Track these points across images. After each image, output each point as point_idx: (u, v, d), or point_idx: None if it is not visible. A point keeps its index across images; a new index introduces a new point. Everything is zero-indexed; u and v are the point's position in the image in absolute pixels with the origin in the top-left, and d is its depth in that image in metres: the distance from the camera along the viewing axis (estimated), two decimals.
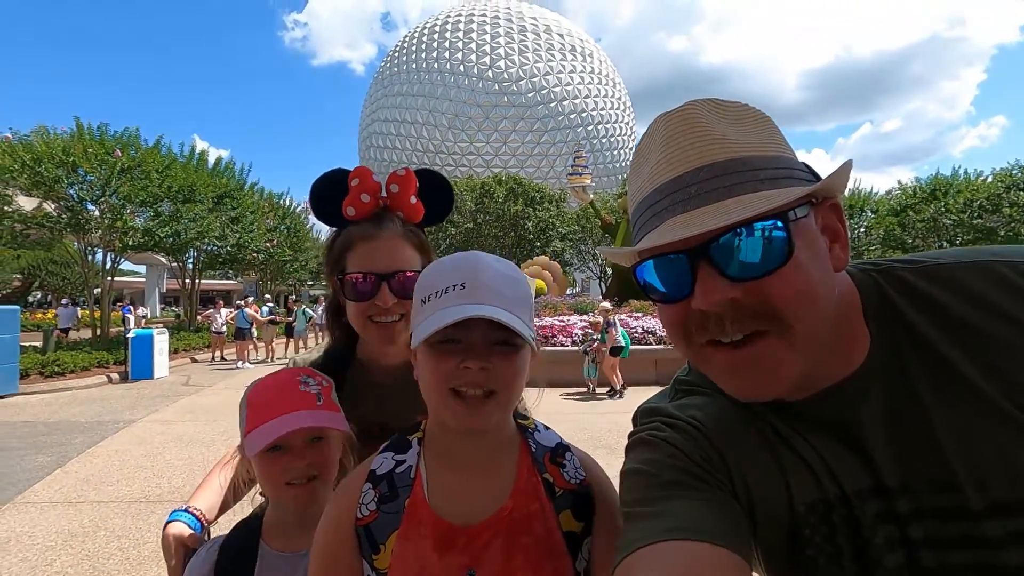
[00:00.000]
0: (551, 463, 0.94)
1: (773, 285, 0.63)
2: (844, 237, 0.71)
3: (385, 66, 68.17)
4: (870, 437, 0.69)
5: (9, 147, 15.22)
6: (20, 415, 9.41)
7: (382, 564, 0.85)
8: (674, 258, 0.66)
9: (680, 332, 0.71)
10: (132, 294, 49.22)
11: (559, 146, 58.89)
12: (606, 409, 9.33)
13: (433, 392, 0.86)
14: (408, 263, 1.26)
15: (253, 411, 1.09)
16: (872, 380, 0.70)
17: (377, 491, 0.89)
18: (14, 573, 3.86)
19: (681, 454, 0.73)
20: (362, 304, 1.24)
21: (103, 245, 17.81)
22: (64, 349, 14.95)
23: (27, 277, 39.87)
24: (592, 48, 69.01)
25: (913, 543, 0.67)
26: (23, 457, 6.74)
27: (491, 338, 0.83)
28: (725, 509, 0.69)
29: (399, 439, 0.97)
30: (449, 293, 0.83)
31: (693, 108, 0.70)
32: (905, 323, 0.70)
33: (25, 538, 4.42)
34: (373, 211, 1.27)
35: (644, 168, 0.72)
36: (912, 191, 32.77)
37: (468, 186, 34.52)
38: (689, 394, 0.84)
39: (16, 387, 11.52)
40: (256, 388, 1.13)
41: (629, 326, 12.55)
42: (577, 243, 34.61)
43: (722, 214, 0.62)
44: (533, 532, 0.86)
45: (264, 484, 1.12)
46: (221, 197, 21.09)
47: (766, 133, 0.69)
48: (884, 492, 0.68)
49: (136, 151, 17.26)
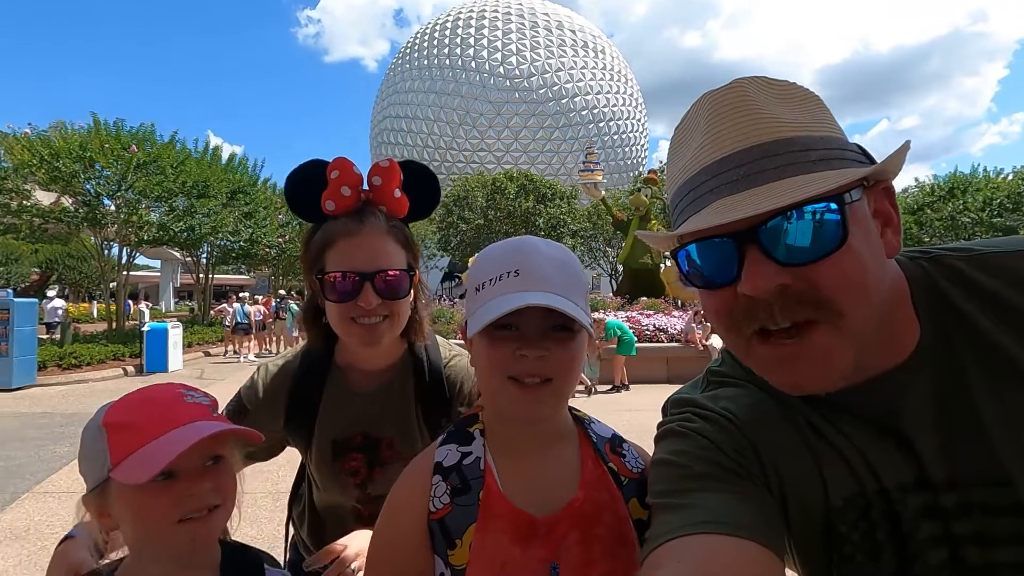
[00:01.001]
0: (613, 453, 0.93)
1: (825, 271, 0.60)
2: (897, 222, 0.68)
3: (396, 63, 68.29)
4: (915, 429, 0.67)
5: (28, 142, 15.44)
6: (38, 406, 9.56)
7: (459, 560, 0.82)
8: (720, 242, 0.64)
9: (726, 321, 0.68)
10: (146, 288, 49.89)
11: (570, 143, 58.67)
12: (617, 407, 9.29)
13: (490, 379, 0.85)
14: (392, 261, 1.18)
15: (121, 435, 0.83)
16: (919, 371, 0.67)
17: (449, 483, 0.87)
18: (33, 561, 3.92)
19: (712, 446, 0.72)
20: (344, 305, 1.16)
21: (119, 239, 18.04)
22: (81, 342, 15.17)
23: (45, 271, 40.54)
24: (604, 44, 68.63)
25: (957, 539, 0.64)
26: (41, 447, 6.84)
27: (546, 324, 0.83)
28: (757, 502, 0.67)
29: (458, 430, 0.95)
30: (503, 280, 0.83)
31: (742, 85, 0.67)
32: (956, 312, 0.68)
33: (43, 527, 4.50)
34: (354, 205, 1.18)
35: (687, 148, 0.69)
36: (930, 189, 32.34)
37: (479, 182, 34.48)
38: (722, 385, 0.81)
39: (35, 378, 11.74)
40: (118, 408, 0.87)
41: (640, 324, 12.50)
42: (588, 240, 34.48)
43: (774, 196, 0.59)
44: (605, 522, 0.86)
45: (140, 527, 0.85)
46: (234, 192, 21.28)
47: (817, 112, 0.66)
48: (928, 486, 0.66)
49: (151, 146, 17.45)
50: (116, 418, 0.86)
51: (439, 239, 34.36)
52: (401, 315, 1.22)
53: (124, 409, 0.87)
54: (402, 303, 1.21)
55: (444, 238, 34.01)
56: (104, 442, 0.83)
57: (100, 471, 0.83)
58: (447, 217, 33.45)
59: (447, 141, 59.58)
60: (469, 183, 34.64)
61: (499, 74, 60.45)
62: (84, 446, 0.87)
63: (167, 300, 42.56)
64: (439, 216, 33.53)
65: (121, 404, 0.88)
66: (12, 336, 11.31)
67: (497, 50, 61.87)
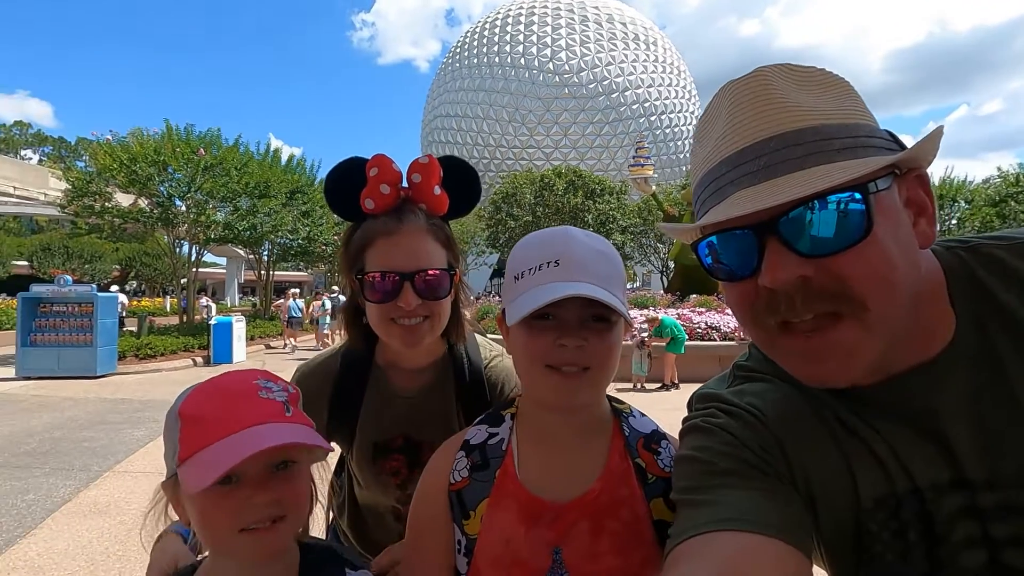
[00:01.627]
0: (644, 449, 0.92)
1: (848, 263, 0.59)
2: (931, 211, 0.65)
3: (447, 62, 69.17)
4: (951, 427, 0.64)
5: (109, 148, 16.67)
6: (118, 392, 10.33)
7: (472, 529, 0.88)
8: (740, 233, 0.63)
9: (748, 314, 0.67)
10: (213, 284, 52.74)
11: (620, 137, 57.72)
12: (669, 405, 9.12)
13: (528, 368, 0.87)
14: (432, 260, 1.15)
15: (192, 429, 0.79)
16: (956, 365, 0.65)
17: (470, 459, 0.93)
18: (114, 534, 4.26)
19: (737, 442, 0.70)
20: (384, 306, 1.14)
21: (189, 238, 19.19)
22: (155, 334, 16.26)
23: (124, 268, 43.61)
24: (656, 36, 67.06)
25: (996, 541, 0.62)
26: (121, 431, 7.40)
27: (585, 314, 0.83)
28: (782, 500, 0.66)
29: (494, 413, 0.99)
30: (543, 270, 0.83)
31: (763, 74, 0.65)
32: (996, 304, 0.64)
33: (123, 503, 4.87)
34: (394, 203, 1.15)
35: (709, 139, 0.68)
36: (1015, 179, 29.78)
37: (528, 179, 34.48)
38: (748, 380, 0.80)
39: (115, 367, 12.70)
40: (195, 397, 0.83)
41: (692, 321, 12.19)
42: (638, 236, 33.88)
43: (794, 187, 0.58)
44: (620, 517, 0.86)
45: (204, 531, 0.81)
46: (293, 192, 22.18)
47: (843, 99, 0.64)
48: (965, 485, 0.63)
49: (218, 150, 18.45)
50: (190, 409, 0.82)
51: (488, 236, 34.62)
52: (442, 315, 1.20)
53: (198, 400, 0.83)
54: (442, 303, 1.19)
55: (493, 235, 34.24)
56: (177, 433, 0.81)
57: (172, 462, 0.81)
58: (496, 214, 33.66)
59: (496, 139, 59.86)
60: (518, 180, 34.70)
61: (548, 70, 60.17)
62: (165, 430, 0.85)
63: (232, 296, 44.88)
64: (488, 213, 33.77)
65: (197, 394, 0.84)
66: (96, 327, 12.27)
67: (547, 46, 61.58)
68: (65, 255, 36.21)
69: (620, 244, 32.57)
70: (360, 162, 1.18)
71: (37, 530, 4.33)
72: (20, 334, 12.31)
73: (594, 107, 59.20)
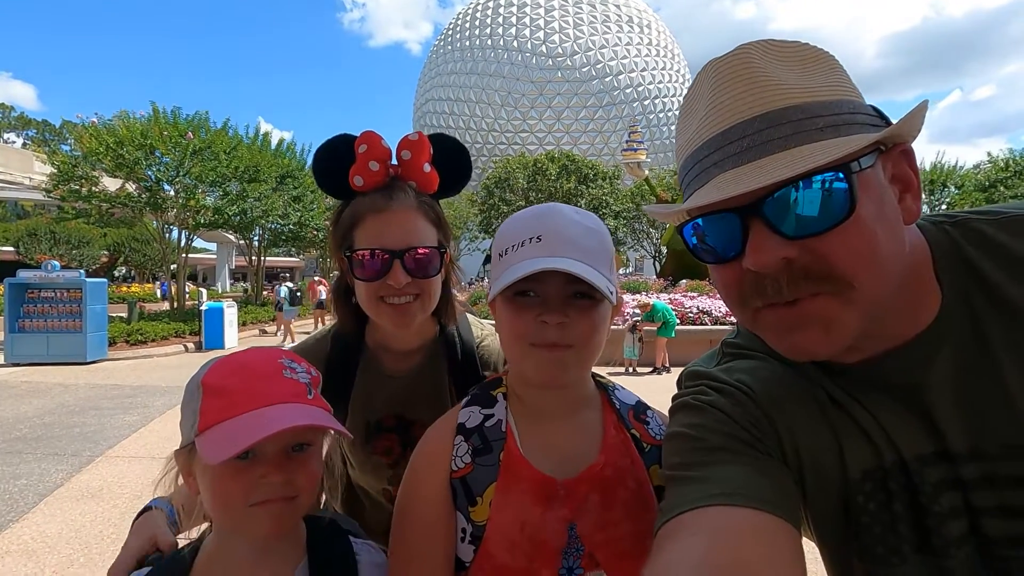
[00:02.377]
0: (636, 420, 0.94)
1: (832, 243, 0.58)
2: (916, 187, 0.65)
3: (439, 44, 68.22)
4: (936, 400, 0.65)
5: (95, 131, 16.37)
6: (110, 378, 10.28)
7: (479, 516, 0.85)
8: (724, 216, 0.62)
9: (735, 296, 0.67)
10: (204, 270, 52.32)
11: (614, 122, 57.42)
12: (659, 387, 9.20)
13: (513, 344, 0.86)
14: (423, 238, 1.13)
15: (214, 400, 0.80)
16: (942, 340, 0.65)
17: (470, 444, 0.89)
18: (107, 517, 4.27)
19: (727, 419, 0.71)
20: (373, 284, 1.12)
21: (178, 223, 18.97)
22: (146, 320, 16.15)
23: (113, 253, 43.13)
24: (650, 19, 66.40)
25: (978, 511, 0.63)
26: (112, 416, 7.38)
27: (568, 291, 0.82)
28: (773, 474, 0.66)
29: (482, 392, 0.97)
30: (525, 246, 0.82)
31: (745, 51, 0.64)
32: (981, 279, 0.65)
33: (115, 487, 4.88)
34: (383, 181, 1.14)
35: (692, 120, 0.67)
36: (1004, 164, 29.95)
37: (520, 163, 34.31)
38: (737, 357, 0.80)
39: (106, 353, 12.62)
40: (219, 369, 0.84)
41: (683, 306, 12.26)
42: (631, 221, 33.88)
43: (776, 168, 0.58)
44: (627, 486, 0.87)
45: (215, 505, 0.81)
46: (283, 177, 21.94)
47: (828, 75, 0.63)
48: (949, 458, 0.64)
49: (206, 133, 18.18)
50: (214, 380, 0.82)
51: (481, 221, 34.50)
52: (432, 294, 1.19)
53: (223, 372, 0.83)
54: (433, 281, 1.17)
55: (486, 220, 34.14)
56: (198, 403, 0.81)
57: (189, 432, 0.81)
58: (488, 199, 33.53)
59: (489, 123, 59.35)
60: (510, 164, 34.51)
61: (541, 53, 59.54)
62: (184, 399, 0.85)
63: (223, 282, 44.58)
64: (480, 198, 33.61)
65: (221, 366, 0.84)
66: (85, 313, 12.17)
67: (539, 28, 60.84)
68: (52, 241, 35.70)
69: (613, 229, 32.55)
70: (349, 139, 1.16)
71: (30, 514, 4.33)
72: (8, 320, 12.20)
73: (587, 91, 58.76)
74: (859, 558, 0.69)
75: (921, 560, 0.66)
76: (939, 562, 0.65)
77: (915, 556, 0.66)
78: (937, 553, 0.65)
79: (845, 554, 0.71)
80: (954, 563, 0.64)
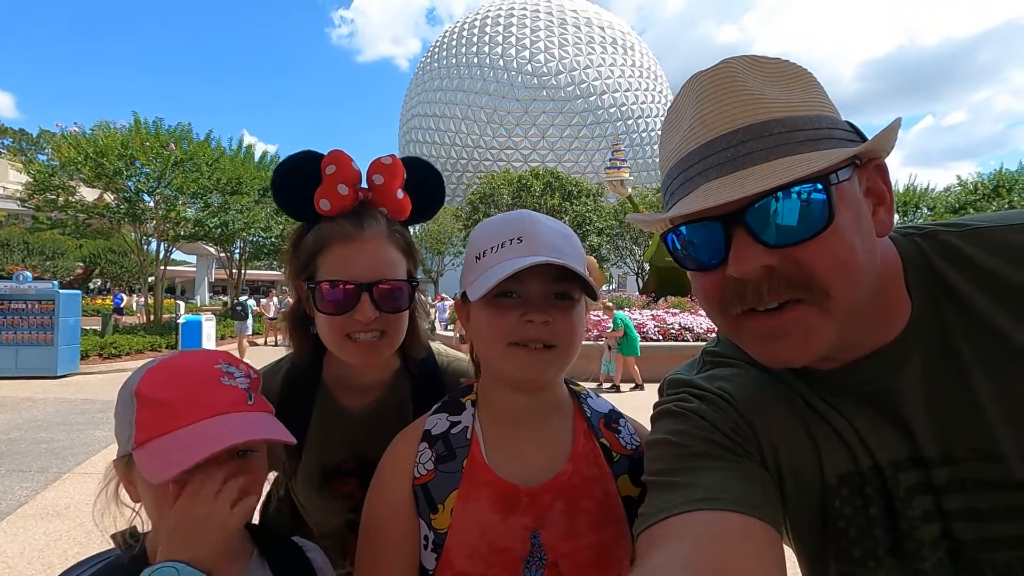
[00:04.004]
0: (607, 428, 0.94)
1: (811, 252, 0.61)
2: (889, 201, 0.67)
3: (425, 62, 68.82)
4: (908, 406, 0.67)
5: (74, 140, 16.11)
6: (81, 392, 9.98)
7: (441, 524, 0.85)
8: (708, 224, 0.64)
9: (716, 303, 0.69)
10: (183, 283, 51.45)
11: (598, 140, 58.24)
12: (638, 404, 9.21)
13: (491, 346, 0.86)
14: (393, 270, 1.06)
15: (149, 412, 0.77)
16: (912, 348, 0.67)
17: (434, 451, 0.89)
18: (72, 536, 4.11)
19: (709, 425, 0.72)
20: (338, 318, 1.03)
21: (157, 235, 18.68)
22: (121, 333, 15.79)
23: (88, 265, 42.21)
24: (634, 41, 67.86)
25: (949, 514, 0.65)
26: (82, 431, 7.15)
27: (549, 291, 0.83)
28: (754, 479, 0.68)
29: (452, 400, 0.97)
30: (506, 247, 0.83)
31: (729, 66, 0.67)
32: (950, 290, 0.67)
33: (83, 505, 4.70)
34: (352, 205, 1.06)
35: (677, 130, 0.69)
36: (973, 187, 31.01)
37: (505, 179, 34.56)
38: (717, 365, 0.82)
39: (78, 367, 12.27)
40: (153, 376, 0.80)
41: (666, 322, 12.36)
42: (615, 238, 34.21)
43: (758, 179, 0.60)
44: (593, 496, 0.87)
45: (157, 513, 0.79)
46: (266, 189, 21.73)
47: (808, 91, 0.66)
48: (922, 463, 0.66)
49: (188, 145, 18.01)
50: (148, 390, 0.79)
51: (465, 236, 34.57)
52: (400, 330, 1.12)
53: (157, 381, 0.80)
54: (401, 316, 1.10)
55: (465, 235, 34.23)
56: (133, 413, 0.78)
57: (126, 444, 0.79)
58: (473, 215, 33.64)
59: (475, 139, 59.79)
60: (495, 180, 34.74)
61: (527, 72, 60.37)
62: (117, 408, 0.82)
63: (202, 295, 43.84)
64: (465, 213, 33.70)
65: (156, 373, 0.81)
66: (57, 326, 11.84)
67: (525, 48, 61.78)
68: (25, 251, 34.84)
69: (596, 246, 32.83)
70: (314, 157, 1.07)
71: None
72: None
73: (572, 110, 59.63)
74: (836, 561, 0.70)
75: (896, 563, 0.67)
76: (913, 565, 0.66)
77: (890, 559, 0.67)
78: (911, 556, 0.66)
79: (822, 558, 0.72)
80: (928, 566, 0.65)
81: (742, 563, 0.57)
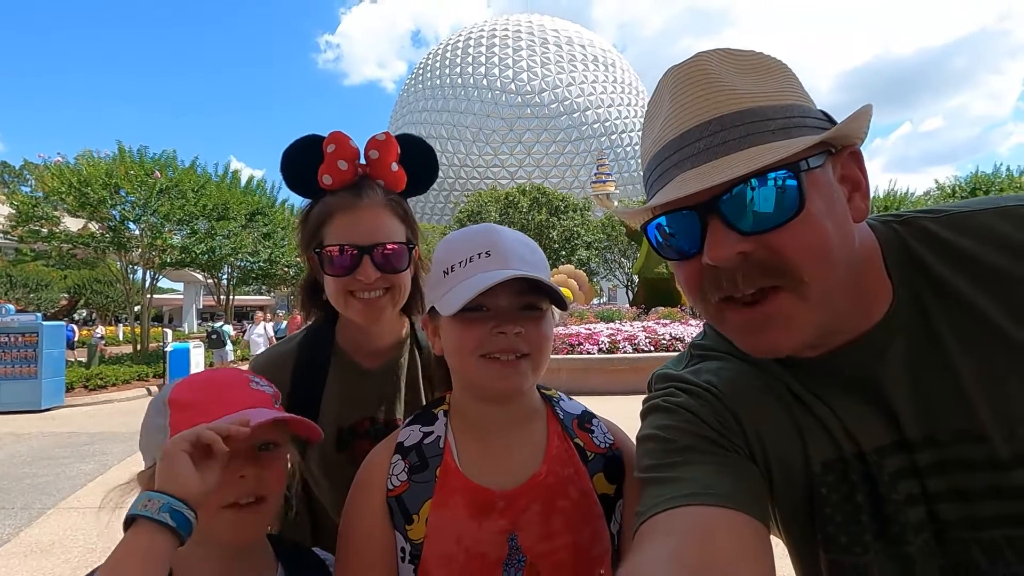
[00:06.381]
0: (580, 429, 0.95)
1: (783, 238, 0.62)
2: (865, 187, 0.69)
3: (410, 83, 69.52)
4: (892, 391, 0.67)
5: (58, 170, 16.00)
6: (66, 426, 9.77)
7: (416, 534, 0.85)
8: (685, 214, 0.65)
9: (696, 291, 0.70)
10: (171, 311, 50.89)
11: (583, 156, 58.90)
12: None
13: (463, 360, 0.87)
14: (391, 234, 1.17)
15: (183, 413, 0.82)
16: (894, 333, 0.68)
17: (407, 462, 0.89)
18: (57, 574, 4.00)
19: (696, 419, 0.73)
20: (342, 279, 1.15)
21: (143, 263, 18.51)
22: (107, 363, 15.53)
23: (73, 295, 41.64)
24: (615, 57, 69.09)
25: (933, 496, 0.65)
26: (67, 465, 6.98)
27: (518, 303, 0.85)
28: (742, 473, 0.68)
29: (424, 411, 0.97)
30: (475, 261, 0.84)
31: (701, 59, 0.68)
32: (929, 274, 0.68)
33: (68, 541, 4.58)
34: (352, 179, 1.17)
35: (654, 124, 0.71)
36: (951, 191, 31.63)
37: (492, 197, 34.75)
38: (704, 359, 0.82)
39: (63, 399, 12.00)
40: (184, 386, 0.87)
41: (657, 333, 12.40)
42: (603, 251, 34.41)
43: (730, 168, 0.61)
44: (569, 496, 0.87)
45: None
46: (253, 214, 21.74)
47: (780, 81, 0.67)
48: (906, 447, 0.67)
49: (173, 171, 17.94)
50: (181, 396, 0.84)
51: None
52: (402, 289, 1.21)
53: (190, 388, 0.86)
54: (402, 276, 1.20)
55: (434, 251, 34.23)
56: (166, 419, 0.82)
57: (156, 451, 0.80)
58: None
59: (461, 158, 60.20)
60: (483, 198, 34.92)
61: (511, 91, 61.14)
62: (147, 419, 0.86)
63: (190, 322, 43.34)
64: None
65: (188, 383, 0.87)
66: (41, 358, 11.63)
67: (508, 67, 62.64)
68: (8, 284, 34.36)
69: (585, 259, 32.99)
70: (317, 139, 1.19)
71: None
72: None
73: (556, 126, 60.35)
74: (824, 549, 0.70)
75: (883, 548, 0.67)
76: (899, 549, 0.66)
77: (877, 544, 0.67)
78: (897, 540, 0.66)
79: (811, 546, 0.72)
80: (913, 549, 0.66)
81: (728, 558, 0.57)
